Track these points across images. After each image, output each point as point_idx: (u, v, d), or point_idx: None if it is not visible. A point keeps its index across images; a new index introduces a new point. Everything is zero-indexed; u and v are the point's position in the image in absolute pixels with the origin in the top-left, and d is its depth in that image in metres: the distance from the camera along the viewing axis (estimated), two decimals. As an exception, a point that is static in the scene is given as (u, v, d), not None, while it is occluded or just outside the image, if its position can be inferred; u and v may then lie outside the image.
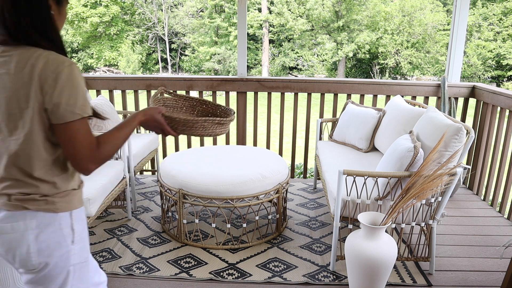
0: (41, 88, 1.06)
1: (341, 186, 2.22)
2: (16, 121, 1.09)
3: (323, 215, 3.16)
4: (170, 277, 2.33)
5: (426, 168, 2.10)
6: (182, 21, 20.12)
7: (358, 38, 17.78)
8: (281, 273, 2.38)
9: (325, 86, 3.75)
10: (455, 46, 3.59)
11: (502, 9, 16.89)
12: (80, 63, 20.40)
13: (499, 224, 3.04)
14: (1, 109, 1.09)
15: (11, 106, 1.08)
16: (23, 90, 1.06)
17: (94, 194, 2.32)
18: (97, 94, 3.72)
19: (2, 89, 1.08)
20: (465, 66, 16.55)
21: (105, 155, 1.17)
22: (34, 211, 1.13)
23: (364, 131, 3.19)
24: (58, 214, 1.16)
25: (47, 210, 1.14)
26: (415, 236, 2.77)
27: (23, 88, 1.06)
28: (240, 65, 3.77)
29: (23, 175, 1.13)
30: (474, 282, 2.34)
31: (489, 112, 3.40)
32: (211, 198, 2.50)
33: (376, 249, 1.99)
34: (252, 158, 2.90)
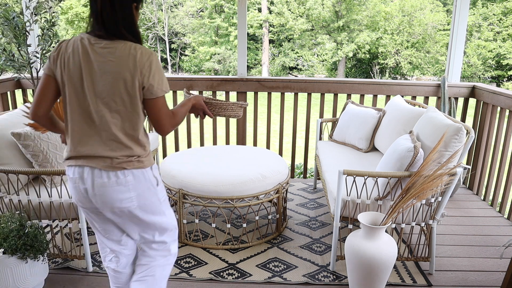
0: (140, 72, 1.43)
1: (341, 186, 2.22)
2: (122, 96, 1.44)
3: (323, 215, 3.16)
4: (170, 277, 2.32)
5: (426, 168, 2.10)
6: (182, 21, 20.12)
7: (358, 38, 17.78)
8: (281, 273, 2.38)
9: (325, 86, 3.75)
10: (455, 46, 3.59)
11: (502, 9, 16.89)
12: (80, 63, 20.38)
13: (499, 224, 3.04)
14: (107, 87, 1.44)
15: (117, 85, 1.43)
16: (128, 73, 1.42)
17: (94, 194, 2.32)
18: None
19: (109, 72, 1.43)
20: (465, 66, 16.55)
21: (176, 122, 1.59)
22: (130, 169, 1.50)
23: (364, 131, 3.19)
24: (145, 169, 1.54)
25: (138, 167, 1.52)
26: (415, 236, 2.77)
27: (128, 71, 1.42)
28: (240, 65, 3.77)
29: (128, 139, 1.50)
30: (474, 282, 2.34)
31: (489, 112, 3.40)
32: (211, 198, 2.50)
33: (376, 249, 1.99)
34: (252, 158, 2.90)
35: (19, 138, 2.28)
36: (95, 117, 1.47)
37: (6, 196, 2.20)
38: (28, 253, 1.99)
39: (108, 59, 1.43)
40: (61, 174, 2.14)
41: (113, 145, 1.49)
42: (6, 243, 1.95)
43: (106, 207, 1.53)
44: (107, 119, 1.47)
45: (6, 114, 2.48)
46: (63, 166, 2.41)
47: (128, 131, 1.50)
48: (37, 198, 2.19)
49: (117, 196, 1.51)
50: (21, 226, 2.03)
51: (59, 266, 2.39)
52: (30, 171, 2.15)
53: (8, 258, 1.96)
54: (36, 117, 1.54)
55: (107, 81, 1.43)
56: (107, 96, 1.45)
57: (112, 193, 1.51)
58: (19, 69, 3.56)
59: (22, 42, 3.47)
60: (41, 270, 2.12)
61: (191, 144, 4.05)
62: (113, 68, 1.42)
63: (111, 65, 1.42)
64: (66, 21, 19.65)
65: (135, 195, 1.54)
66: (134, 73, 1.43)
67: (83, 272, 2.35)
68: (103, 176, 1.49)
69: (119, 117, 1.47)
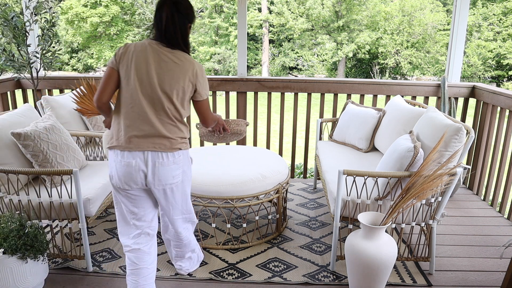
0: (196, 79, 1.88)
1: (341, 186, 2.22)
2: (178, 91, 1.85)
3: (323, 215, 3.16)
4: (170, 277, 2.33)
5: (426, 168, 2.10)
6: (182, 21, 20.09)
7: (358, 38, 17.77)
8: (281, 273, 2.38)
9: (325, 86, 3.75)
10: (455, 46, 3.59)
11: (502, 9, 16.88)
12: (80, 63, 20.40)
13: (499, 224, 3.04)
14: (169, 82, 1.83)
15: (177, 82, 1.84)
16: (187, 77, 1.86)
17: (94, 194, 2.32)
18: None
19: (173, 71, 1.83)
20: (465, 66, 16.54)
21: (213, 121, 2.16)
22: (183, 150, 1.93)
23: (364, 131, 3.19)
24: (187, 150, 1.97)
25: (185, 148, 1.95)
26: (415, 236, 2.77)
27: (187, 76, 1.86)
28: (240, 65, 3.77)
29: (181, 124, 1.91)
30: (474, 282, 2.34)
31: (489, 112, 3.40)
32: (211, 198, 2.50)
33: (376, 249, 1.99)
34: (252, 158, 2.90)
35: (19, 138, 2.27)
36: (156, 104, 1.83)
37: (6, 196, 2.20)
38: (28, 253, 1.99)
39: (174, 61, 1.84)
40: (61, 174, 2.14)
41: (170, 128, 1.87)
42: (6, 243, 1.95)
43: (160, 184, 1.89)
44: (165, 106, 1.84)
45: (6, 114, 2.48)
46: (64, 166, 2.42)
47: (179, 118, 1.89)
48: (37, 198, 2.19)
49: (171, 173, 1.89)
50: (21, 226, 2.03)
51: (59, 266, 2.39)
52: (30, 171, 2.15)
53: (8, 258, 1.96)
54: (99, 103, 1.89)
55: (170, 77, 1.83)
56: (168, 88, 1.83)
57: (169, 171, 1.88)
58: (19, 69, 3.56)
59: (22, 42, 3.47)
60: (41, 270, 2.12)
61: (191, 144, 4.05)
62: (177, 69, 1.84)
63: (176, 67, 1.84)
64: (66, 21, 19.65)
65: (181, 172, 1.95)
66: (192, 78, 1.87)
67: (83, 272, 2.35)
68: (163, 157, 1.85)
69: (173, 106, 1.85)
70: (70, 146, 2.54)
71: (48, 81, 3.87)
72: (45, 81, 3.85)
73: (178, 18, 1.85)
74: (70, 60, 20.62)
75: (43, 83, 3.85)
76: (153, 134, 1.84)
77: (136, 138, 1.83)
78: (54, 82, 3.89)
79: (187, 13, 1.88)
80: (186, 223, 2.18)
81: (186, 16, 1.88)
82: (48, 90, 3.93)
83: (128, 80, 1.82)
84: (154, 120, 1.83)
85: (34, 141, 2.31)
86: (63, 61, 20.32)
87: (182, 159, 1.94)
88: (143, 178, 1.87)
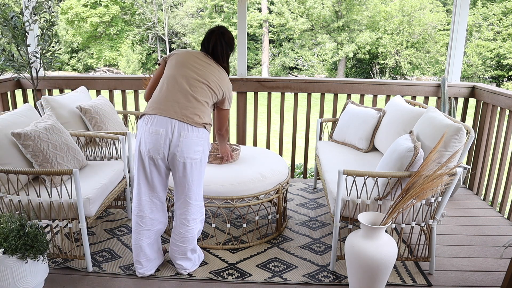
0: (227, 91, 2.28)
1: (341, 186, 2.22)
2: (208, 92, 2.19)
3: (323, 215, 3.16)
4: (170, 277, 2.33)
5: (426, 168, 2.10)
6: (182, 21, 20.12)
7: (358, 38, 17.77)
8: (281, 273, 2.38)
9: (325, 86, 3.75)
10: (455, 46, 3.59)
11: (502, 9, 16.89)
12: (80, 63, 20.40)
13: (499, 224, 3.04)
14: (206, 73, 2.18)
15: (212, 77, 2.19)
16: (220, 85, 2.23)
17: (94, 194, 2.32)
18: (97, 94, 3.72)
19: (211, 75, 2.20)
20: (465, 66, 16.54)
21: (226, 131, 2.51)
22: (206, 130, 2.18)
23: (364, 131, 3.19)
24: (208, 134, 2.21)
25: (209, 130, 2.21)
26: (415, 236, 2.77)
27: (220, 85, 2.23)
28: (240, 65, 3.77)
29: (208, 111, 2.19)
30: (474, 282, 2.34)
31: (489, 112, 3.40)
32: (211, 198, 2.50)
33: (376, 249, 1.99)
34: (252, 158, 2.90)
35: (19, 138, 2.27)
36: (195, 85, 2.14)
37: (6, 196, 2.20)
38: (28, 253, 1.99)
39: (216, 68, 2.24)
40: (61, 174, 2.14)
41: (201, 107, 2.14)
42: (6, 243, 1.95)
43: (182, 156, 2.09)
44: (202, 87, 2.16)
45: (6, 114, 2.48)
46: (63, 166, 2.41)
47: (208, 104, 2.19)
48: (37, 198, 2.19)
49: (193, 147, 2.11)
50: (21, 226, 2.03)
51: (59, 266, 2.39)
52: (30, 171, 2.15)
53: (8, 258, 1.96)
54: (148, 99, 2.28)
55: (209, 72, 2.19)
56: (206, 76, 2.18)
57: (191, 145, 2.10)
58: (19, 69, 3.56)
59: (21, 42, 3.47)
60: (41, 270, 2.12)
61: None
62: (216, 72, 2.22)
63: (216, 71, 2.22)
64: (66, 21, 19.65)
65: (202, 150, 2.16)
66: (223, 88, 2.24)
67: (83, 272, 2.35)
68: (189, 130, 2.08)
69: (208, 91, 2.17)
70: (70, 146, 2.54)
71: (48, 81, 3.87)
72: (45, 81, 3.85)
73: (224, 46, 2.27)
74: (70, 60, 20.63)
75: (43, 83, 3.85)
76: (186, 106, 2.10)
77: (171, 107, 2.09)
78: (54, 82, 3.89)
79: (230, 43, 2.31)
80: (197, 213, 2.26)
81: (228, 45, 2.30)
82: (48, 90, 3.93)
83: (169, 68, 2.20)
84: (191, 97, 2.12)
85: (34, 141, 2.31)
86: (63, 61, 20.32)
87: (205, 137, 2.16)
88: (167, 147, 2.08)
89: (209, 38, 2.26)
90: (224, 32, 2.28)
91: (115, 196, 2.67)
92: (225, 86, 2.24)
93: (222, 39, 2.26)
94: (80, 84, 3.77)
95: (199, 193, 2.25)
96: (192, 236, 2.27)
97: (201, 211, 2.29)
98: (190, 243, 2.29)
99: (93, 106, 3.19)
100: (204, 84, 2.16)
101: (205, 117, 2.16)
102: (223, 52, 2.27)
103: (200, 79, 2.15)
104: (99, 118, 3.18)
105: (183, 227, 2.24)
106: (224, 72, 2.27)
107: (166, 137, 2.07)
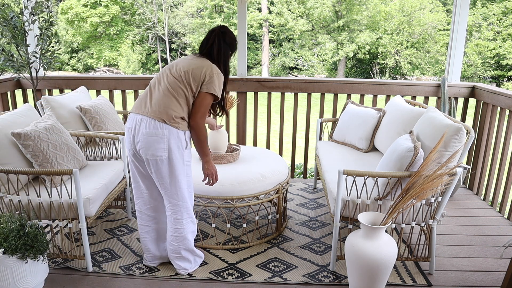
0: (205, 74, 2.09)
1: (341, 186, 2.22)
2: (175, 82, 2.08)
3: (323, 215, 3.16)
4: (170, 277, 2.33)
5: (426, 168, 2.10)
6: (182, 21, 20.11)
7: (358, 38, 17.77)
8: (281, 273, 2.38)
9: (325, 86, 3.75)
10: (455, 46, 3.59)
11: (502, 9, 16.88)
12: (80, 63, 20.39)
13: (499, 224, 3.04)
14: (180, 66, 2.11)
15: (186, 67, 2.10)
16: (187, 66, 2.10)
17: (94, 194, 2.32)
18: (97, 94, 3.72)
19: (188, 62, 2.12)
20: (465, 66, 16.54)
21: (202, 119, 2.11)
22: (167, 124, 2.05)
23: (364, 131, 3.19)
24: (175, 129, 2.08)
25: (173, 126, 2.07)
26: (415, 236, 2.77)
27: (187, 66, 2.10)
28: (240, 65, 3.77)
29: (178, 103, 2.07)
30: (474, 282, 2.34)
31: (489, 112, 3.40)
32: (211, 198, 2.50)
33: (376, 249, 1.99)
34: (252, 158, 2.90)
35: (19, 138, 2.27)
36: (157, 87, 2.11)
37: (6, 196, 2.20)
38: (28, 253, 1.99)
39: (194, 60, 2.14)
40: (61, 174, 2.14)
41: (166, 100, 2.06)
42: (6, 243, 1.95)
43: (144, 153, 2.07)
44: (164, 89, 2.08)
45: (6, 114, 2.48)
46: (63, 166, 2.42)
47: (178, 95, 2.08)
48: (37, 198, 2.19)
49: (154, 145, 2.05)
50: (21, 226, 2.03)
51: (59, 266, 2.39)
52: (30, 171, 2.15)
53: (8, 258, 1.96)
54: None
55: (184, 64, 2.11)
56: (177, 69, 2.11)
57: (151, 142, 2.05)
58: (19, 69, 3.56)
59: (21, 42, 3.46)
60: (41, 270, 2.12)
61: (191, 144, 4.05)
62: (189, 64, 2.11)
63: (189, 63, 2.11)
64: (66, 21, 19.65)
65: (167, 148, 2.06)
66: (197, 72, 2.09)
67: (83, 272, 2.35)
68: (148, 123, 2.04)
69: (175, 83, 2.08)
70: (70, 146, 2.54)
71: (48, 81, 3.87)
72: (45, 81, 3.85)
73: (223, 45, 2.19)
74: (70, 60, 20.62)
75: (43, 83, 3.85)
76: (152, 100, 2.09)
77: (140, 103, 2.11)
78: (54, 82, 3.89)
79: (231, 43, 2.23)
80: (181, 213, 2.21)
81: (229, 45, 2.22)
82: (48, 90, 3.93)
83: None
84: (157, 90, 2.10)
85: (34, 141, 2.31)
86: (63, 61, 20.32)
87: (169, 134, 2.05)
88: (135, 143, 2.10)
89: (208, 37, 2.21)
90: (225, 31, 2.22)
91: (115, 196, 2.67)
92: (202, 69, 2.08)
93: (222, 38, 2.19)
94: (80, 84, 3.77)
95: (177, 193, 2.17)
96: (181, 236, 2.25)
97: (187, 211, 2.24)
98: (182, 243, 2.27)
99: (93, 106, 3.19)
100: (175, 78, 2.08)
101: (171, 111, 2.05)
102: (220, 51, 2.18)
103: (172, 74, 2.10)
104: (99, 118, 3.18)
105: (171, 226, 2.24)
106: (206, 61, 2.14)
107: (131, 133, 2.10)
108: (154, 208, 2.30)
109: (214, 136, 2.81)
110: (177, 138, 2.08)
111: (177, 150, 2.10)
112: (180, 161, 2.13)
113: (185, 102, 2.09)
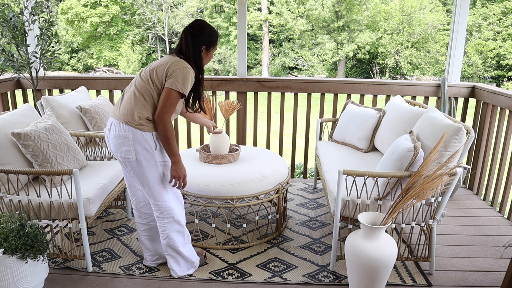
0: (167, 69, 2.03)
1: (341, 186, 2.22)
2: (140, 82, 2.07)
3: (323, 215, 3.16)
4: (170, 277, 2.33)
5: (426, 168, 2.10)
6: (182, 21, 20.11)
7: (358, 38, 17.77)
8: (281, 273, 2.38)
9: (325, 86, 3.75)
10: (455, 46, 3.59)
11: (502, 9, 16.89)
12: (80, 63, 20.39)
13: (499, 224, 3.04)
14: (146, 69, 2.09)
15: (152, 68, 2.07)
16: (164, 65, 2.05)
17: (94, 194, 2.32)
18: (97, 94, 3.72)
19: (156, 64, 2.08)
20: (465, 66, 16.54)
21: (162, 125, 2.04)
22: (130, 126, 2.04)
23: (364, 131, 3.19)
24: (140, 131, 2.06)
25: (137, 128, 2.05)
26: (415, 236, 2.77)
27: (154, 65, 2.09)
28: (240, 65, 3.77)
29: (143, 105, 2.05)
30: (474, 282, 2.34)
31: (489, 112, 3.40)
32: (211, 198, 2.50)
33: (376, 249, 1.99)
34: (252, 158, 2.90)
35: (19, 138, 2.27)
36: (126, 91, 2.13)
37: (6, 196, 2.20)
38: (28, 253, 1.99)
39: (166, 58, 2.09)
40: (61, 174, 2.14)
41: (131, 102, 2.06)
42: (6, 243, 1.95)
43: (114, 154, 2.13)
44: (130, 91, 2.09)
45: (6, 114, 2.48)
46: (63, 166, 2.42)
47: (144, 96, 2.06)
48: (37, 198, 2.19)
49: (119, 147, 2.07)
50: (21, 226, 2.03)
51: (59, 266, 2.39)
52: (30, 171, 2.15)
53: (8, 258, 1.96)
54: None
55: (150, 66, 2.10)
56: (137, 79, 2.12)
57: (116, 144, 2.08)
58: (19, 69, 3.56)
59: (21, 42, 3.46)
60: (41, 270, 2.12)
61: (191, 144, 4.05)
62: (158, 62, 2.08)
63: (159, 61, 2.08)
64: (66, 21, 19.65)
65: (133, 150, 2.06)
66: (162, 68, 2.04)
67: (83, 272, 2.35)
68: (114, 125, 2.07)
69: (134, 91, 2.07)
70: (70, 146, 2.54)
71: (48, 81, 3.87)
72: (45, 81, 3.85)
73: (190, 38, 2.09)
74: (70, 60, 20.63)
75: (43, 83, 3.85)
76: (121, 103, 2.10)
77: (116, 107, 2.14)
78: (54, 82, 3.89)
79: (199, 34, 2.10)
80: (161, 212, 2.20)
81: (198, 37, 2.10)
82: (48, 90, 3.93)
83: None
84: (125, 93, 2.13)
85: (34, 141, 2.31)
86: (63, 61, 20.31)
87: (131, 136, 2.05)
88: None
89: (182, 34, 2.18)
90: (193, 24, 2.12)
91: (115, 196, 2.67)
92: (166, 65, 2.03)
93: (189, 32, 2.10)
94: (80, 84, 3.77)
95: (153, 193, 2.15)
96: (165, 234, 2.23)
97: (167, 211, 2.20)
98: (167, 240, 2.25)
99: (93, 106, 3.19)
100: (142, 79, 2.07)
101: (135, 113, 2.03)
102: (188, 46, 2.08)
103: (141, 76, 2.10)
104: (99, 118, 3.18)
105: (158, 223, 2.25)
106: (171, 57, 2.08)
107: (106, 136, 2.16)
108: (149, 206, 2.31)
109: (216, 140, 2.79)
110: (142, 140, 2.05)
111: (145, 152, 2.07)
112: (150, 162, 2.09)
113: (152, 102, 2.06)
